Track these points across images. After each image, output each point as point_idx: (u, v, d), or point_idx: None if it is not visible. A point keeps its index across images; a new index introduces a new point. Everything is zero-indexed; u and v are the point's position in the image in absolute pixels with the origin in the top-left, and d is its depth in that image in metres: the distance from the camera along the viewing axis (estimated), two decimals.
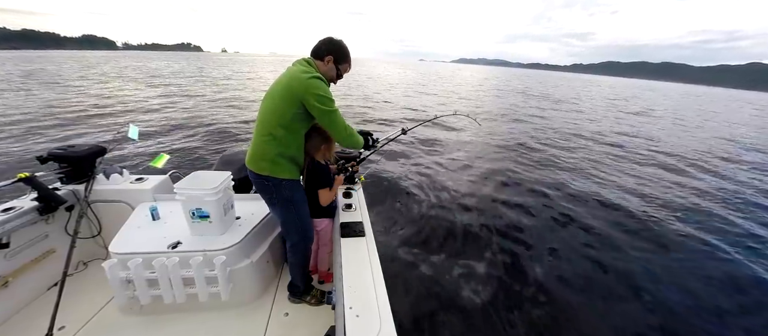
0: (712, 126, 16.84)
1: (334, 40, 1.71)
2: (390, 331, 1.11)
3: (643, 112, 20.81)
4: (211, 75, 28.75)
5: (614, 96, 32.20)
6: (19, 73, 22.91)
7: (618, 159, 8.38)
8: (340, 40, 1.72)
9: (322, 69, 1.69)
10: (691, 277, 3.56)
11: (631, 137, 11.45)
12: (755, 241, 4.48)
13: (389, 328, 1.12)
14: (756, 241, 4.48)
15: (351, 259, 1.51)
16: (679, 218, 5.04)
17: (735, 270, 3.76)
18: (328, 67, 1.71)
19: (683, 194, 6.17)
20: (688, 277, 3.55)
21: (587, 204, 5.29)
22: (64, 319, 1.78)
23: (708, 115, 22.56)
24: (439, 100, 19.38)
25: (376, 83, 21.45)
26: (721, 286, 3.45)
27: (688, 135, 13.24)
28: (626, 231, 4.46)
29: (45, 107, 10.67)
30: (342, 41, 1.72)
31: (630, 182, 6.55)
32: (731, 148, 11.13)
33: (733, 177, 7.64)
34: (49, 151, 2.13)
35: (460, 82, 28.03)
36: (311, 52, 1.73)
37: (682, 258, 3.94)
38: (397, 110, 14.23)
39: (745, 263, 3.90)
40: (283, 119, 1.59)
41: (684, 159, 8.92)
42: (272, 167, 1.66)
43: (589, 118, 15.88)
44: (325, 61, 1.69)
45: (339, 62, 1.73)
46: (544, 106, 18.71)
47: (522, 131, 10.97)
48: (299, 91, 1.54)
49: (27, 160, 5.75)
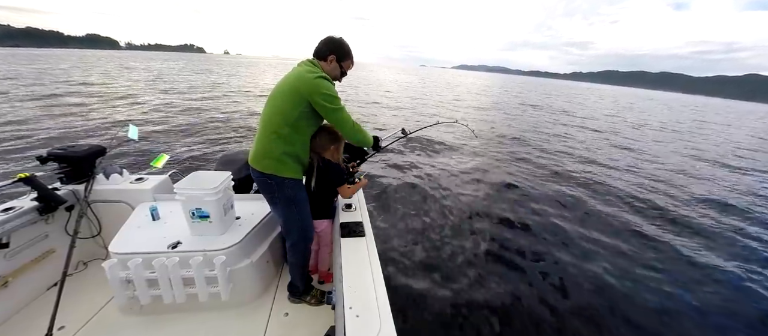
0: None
1: (334, 39, 1.73)
2: (390, 331, 1.11)
3: (663, 126, 19.09)
4: (212, 76, 28.76)
5: (618, 107, 31.08)
6: (28, 73, 22.92)
7: (626, 171, 8.26)
8: (340, 38, 1.74)
9: (326, 68, 1.72)
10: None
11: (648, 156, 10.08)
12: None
13: (389, 328, 1.12)
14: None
15: (351, 259, 1.51)
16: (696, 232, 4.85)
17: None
18: (332, 67, 1.74)
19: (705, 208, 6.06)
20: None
21: (587, 208, 5.30)
22: (64, 319, 1.78)
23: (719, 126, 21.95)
24: (439, 106, 19.35)
25: (376, 91, 21.01)
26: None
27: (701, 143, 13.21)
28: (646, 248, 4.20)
29: (47, 106, 10.68)
30: (342, 39, 1.74)
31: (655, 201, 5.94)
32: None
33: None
34: (49, 151, 2.12)
35: (458, 94, 27.35)
36: (314, 54, 1.75)
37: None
38: (397, 112, 14.23)
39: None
40: (289, 118, 1.61)
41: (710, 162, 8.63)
42: (277, 166, 1.67)
43: (596, 128, 15.75)
44: (328, 61, 1.72)
45: (341, 60, 1.75)
46: (545, 116, 18.34)
47: (520, 138, 10.93)
48: (306, 91, 1.56)
49: (28, 159, 5.76)
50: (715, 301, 3.26)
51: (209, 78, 26.58)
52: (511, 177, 6.44)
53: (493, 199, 5.28)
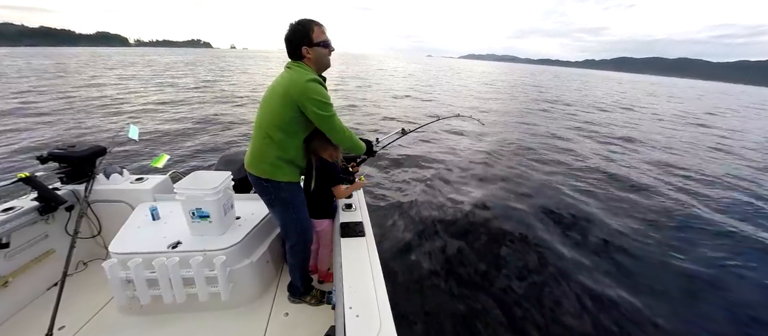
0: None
1: (289, 32, 1.57)
2: (390, 331, 1.11)
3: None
4: (214, 75, 28.71)
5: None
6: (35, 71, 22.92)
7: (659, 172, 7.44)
8: (291, 26, 1.57)
9: (312, 62, 1.60)
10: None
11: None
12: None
13: (389, 328, 1.12)
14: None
15: (351, 259, 1.51)
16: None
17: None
18: (313, 54, 1.58)
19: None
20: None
21: (594, 207, 5.29)
22: (64, 319, 1.78)
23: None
24: (444, 100, 19.23)
25: (374, 93, 20.42)
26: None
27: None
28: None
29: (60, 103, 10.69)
30: (292, 23, 1.58)
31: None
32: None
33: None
34: (49, 151, 2.13)
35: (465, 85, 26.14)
36: (290, 57, 1.61)
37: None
38: (399, 109, 14.22)
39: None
40: (281, 122, 1.58)
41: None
42: (272, 170, 1.66)
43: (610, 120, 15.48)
44: (305, 53, 1.58)
45: (311, 39, 1.56)
46: (557, 107, 17.77)
47: (527, 132, 10.84)
48: (296, 95, 1.50)
49: (28, 159, 5.76)
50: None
51: (209, 78, 26.56)
52: (517, 174, 6.41)
53: (497, 198, 5.26)
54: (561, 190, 5.82)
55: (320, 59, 1.62)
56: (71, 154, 2.16)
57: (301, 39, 1.56)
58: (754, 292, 3.41)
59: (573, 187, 6.02)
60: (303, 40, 1.56)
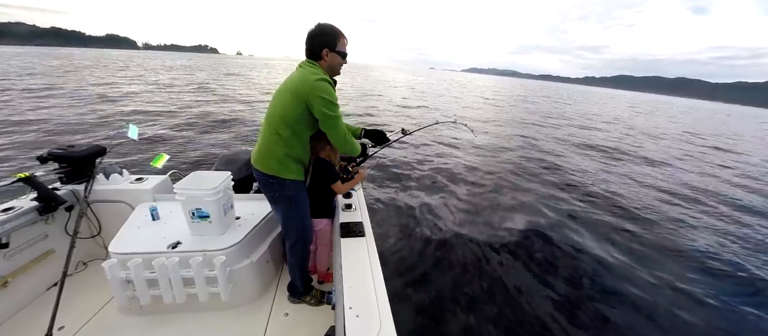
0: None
1: (316, 31, 1.62)
2: (390, 331, 1.11)
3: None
4: (217, 78, 28.72)
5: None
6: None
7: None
8: (321, 25, 1.64)
9: (327, 65, 1.65)
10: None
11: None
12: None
13: (389, 328, 1.12)
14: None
15: (351, 259, 1.51)
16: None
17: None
18: (331, 59, 1.65)
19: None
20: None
21: (588, 214, 5.29)
22: (64, 319, 1.78)
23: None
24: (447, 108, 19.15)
25: (385, 102, 20.03)
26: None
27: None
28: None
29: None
30: (323, 24, 1.65)
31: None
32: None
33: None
34: (49, 151, 2.12)
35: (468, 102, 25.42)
36: (307, 56, 1.66)
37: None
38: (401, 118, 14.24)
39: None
40: (290, 119, 1.59)
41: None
42: (279, 167, 1.67)
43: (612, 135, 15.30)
44: (324, 55, 1.63)
45: (335, 45, 1.63)
46: (556, 122, 17.70)
47: (523, 142, 10.82)
48: (305, 92, 1.53)
49: (28, 159, 5.75)
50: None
51: (210, 78, 26.57)
52: (514, 180, 6.43)
53: (496, 199, 5.27)
54: (560, 195, 5.83)
55: (334, 66, 1.69)
56: (71, 154, 2.16)
57: (327, 41, 1.62)
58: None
59: (573, 189, 6.03)
60: (328, 43, 1.62)
